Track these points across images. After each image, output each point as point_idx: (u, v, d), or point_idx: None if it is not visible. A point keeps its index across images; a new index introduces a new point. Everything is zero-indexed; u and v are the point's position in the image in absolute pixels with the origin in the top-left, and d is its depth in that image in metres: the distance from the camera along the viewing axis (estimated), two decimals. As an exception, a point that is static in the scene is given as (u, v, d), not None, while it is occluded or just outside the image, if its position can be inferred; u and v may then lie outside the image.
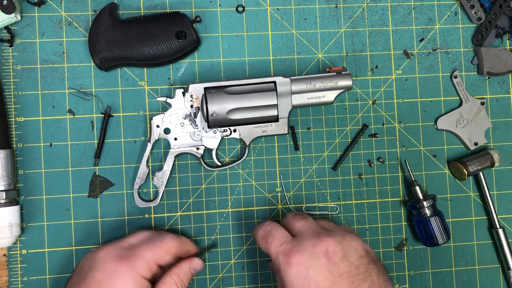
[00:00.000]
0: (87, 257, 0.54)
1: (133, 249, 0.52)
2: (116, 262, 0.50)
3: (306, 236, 0.51)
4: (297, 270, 0.48)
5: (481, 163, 0.64)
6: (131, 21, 0.59)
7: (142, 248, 0.52)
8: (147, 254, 0.52)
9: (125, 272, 0.50)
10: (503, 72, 0.65)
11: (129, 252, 0.52)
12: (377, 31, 0.65)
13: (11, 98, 0.60)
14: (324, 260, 0.48)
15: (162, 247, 0.54)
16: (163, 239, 0.54)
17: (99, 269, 0.50)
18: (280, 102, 0.59)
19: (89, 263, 0.52)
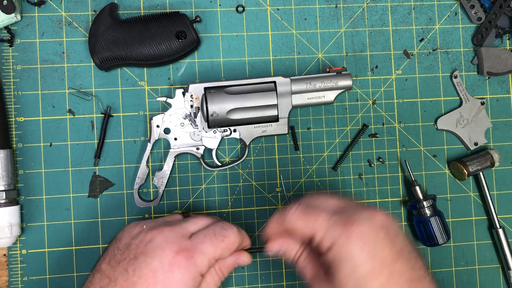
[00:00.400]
0: (137, 233, 0.49)
1: (195, 240, 0.48)
2: (177, 253, 0.45)
3: (354, 209, 0.46)
4: (361, 242, 0.42)
5: (481, 163, 0.64)
6: (131, 21, 0.59)
7: (204, 242, 0.47)
8: (210, 249, 0.47)
9: (184, 267, 0.45)
10: (503, 72, 0.65)
11: (191, 244, 0.47)
12: (377, 31, 0.65)
13: (11, 98, 0.60)
14: (383, 234, 0.43)
15: (226, 242, 0.49)
16: (227, 233, 0.49)
17: (156, 257, 0.45)
18: (280, 102, 0.59)
19: (141, 244, 0.47)
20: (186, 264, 0.46)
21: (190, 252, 0.46)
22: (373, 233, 0.43)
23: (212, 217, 0.53)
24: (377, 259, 0.42)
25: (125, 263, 0.46)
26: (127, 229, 0.50)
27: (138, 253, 0.46)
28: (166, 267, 0.45)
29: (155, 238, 0.47)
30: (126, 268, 0.46)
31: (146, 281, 0.45)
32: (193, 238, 0.48)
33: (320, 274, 0.47)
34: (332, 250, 0.44)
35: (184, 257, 0.46)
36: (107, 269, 0.47)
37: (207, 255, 0.47)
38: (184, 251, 0.46)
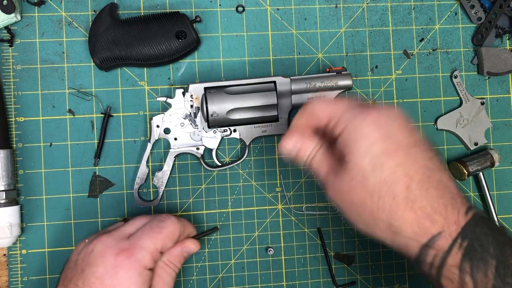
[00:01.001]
0: (81, 249, 0.51)
1: (133, 239, 0.49)
2: (117, 255, 0.47)
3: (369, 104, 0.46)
4: (376, 123, 0.42)
5: (481, 163, 0.64)
6: (131, 21, 0.59)
7: (142, 238, 0.49)
8: (149, 243, 0.49)
9: (127, 266, 0.47)
10: (503, 72, 0.65)
11: (130, 243, 0.49)
12: (377, 31, 0.65)
13: (11, 98, 0.60)
14: (400, 122, 0.43)
15: (164, 233, 0.50)
16: (164, 224, 0.51)
17: (99, 264, 0.47)
18: (280, 102, 0.59)
19: (85, 257, 0.49)
20: (128, 263, 0.47)
21: (130, 251, 0.48)
22: (389, 119, 0.43)
23: (150, 215, 0.54)
24: (393, 140, 0.42)
25: (75, 279, 0.48)
26: (75, 249, 0.52)
27: (84, 266, 0.48)
28: (110, 271, 0.47)
29: (95, 247, 0.49)
30: (76, 282, 0.48)
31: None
32: (131, 238, 0.50)
33: (335, 167, 0.46)
34: (346, 131, 0.43)
35: (125, 257, 0.47)
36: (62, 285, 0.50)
37: (147, 249, 0.49)
38: (123, 251, 0.48)
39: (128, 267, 0.47)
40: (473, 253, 0.39)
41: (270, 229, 0.63)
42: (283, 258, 0.63)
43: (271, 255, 0.63)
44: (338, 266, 0.64)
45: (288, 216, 0.64)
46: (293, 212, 0.64)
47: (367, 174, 0.42)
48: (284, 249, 0.63)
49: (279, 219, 0.63)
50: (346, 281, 0.64)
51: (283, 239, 0.63)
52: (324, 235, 0.64)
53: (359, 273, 0.64)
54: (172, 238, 0.51)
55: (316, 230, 0.64)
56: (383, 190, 0.41)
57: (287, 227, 0.63)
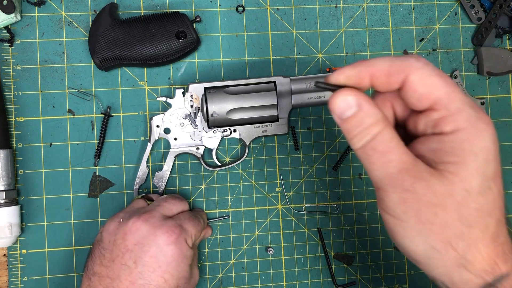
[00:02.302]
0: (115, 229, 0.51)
1: (178, 220, 0.52)
2: (169, 234, 0.50)
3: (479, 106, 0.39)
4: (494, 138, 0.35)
5: (481, 163, 0.64)
6: (131, 21, 0.59)
7: (187, 223, 0.53)
8: (192, 229, 0.53)
9: (179, 242, 0.50)
10: (503, 72, 0.65)
11: (177, 223, 0.52)
12: (377, 31, 0.65)
13: (11, 98, 0.60)
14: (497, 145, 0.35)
15: (202, 224, 0.56)
16: (204, 216, 0.58)
17: (150, 243, 0.49)
18: (280, 102, 0.59)
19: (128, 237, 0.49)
20: (179, 240, 0.50)
21: (179, 229, 0.51)
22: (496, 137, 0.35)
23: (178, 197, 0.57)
24: (499, 163, 0.35)
25: (120, 259, 0.49)
26: (104, 230, 0.52)
27: (129, 245, 0.49)
28: (164, 248, 0.49)
29: (141, 228, 0.50)
30: (125, 262, 0.49)
31: (151, 266, 0.49)
32: (176, 218, 0.53)
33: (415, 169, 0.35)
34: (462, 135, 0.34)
35: (176, 234, 0.50)
36: (102, 270, 0.50)
37: (190, 232, 0.52)
38: (174, 228, 0.50)
39: (180, 244, 0.50)
40: None
41: (270, 229, 0.63)
42: (283, 258, 0.63)
43: (271, 255, 0.63)
44: (338, 266, 0.64)
45: (288, 216, 0.64)
46: (293, 212, 0.64)
47: (472, 195, 0.34)
48: (284, 249, 0.63)
49: (279, 219, 0.63)
50: (346, 281, 0.64)
51: (283, 239, 0.63)
52: (324, 235, 0.64)
53: (359, 273, 0.64)
54: (203, 228, 0.57)
55: (316, 230, 0.64)
56: (479, 218, 0.34)
57: (287, 227, 0.64)
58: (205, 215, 0.61)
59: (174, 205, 0.55)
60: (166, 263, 0.49)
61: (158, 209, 0.53)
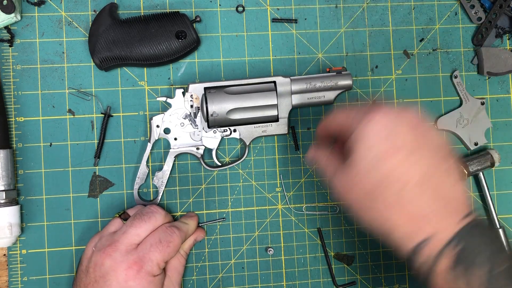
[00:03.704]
0: (90, 256, 0.54)
1: (142, 251, 0.52)
2: (128, 269, 0.51)
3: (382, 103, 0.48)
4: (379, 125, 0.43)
5: (481, 163, 0.64)
6: (131, 21, 0.59)
7: (152, 251, 0.52)
8: (158, 256, 0.52)
9: (138, 278, 0.51)
10: (503, 72, 0.65)
11: (139, 256, 0.52)
12: (377, 31, 0.65)
13: (11, 98, 0.60)
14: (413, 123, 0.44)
15: (172, 247, 0.54)
16: (172, 239, 0.54)
17: (111, 278, 0.51)
18: (280, 102, 0.59)
19: (96, 268, 0.52)
20: (139, 276, 0.51)
21: (139, 264, 0.51)
22: (398, 119, 0.43)
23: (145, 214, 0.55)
24: (397, 140, 0.42)
25: (90, 286, 0.52)
26: (85, 253, 0.55)
27: (97, 276, 0.52)
28: (123, 284, 0.51)
29: (105, 262, 0.52)
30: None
31: None
32: (140, 249, 0.52)
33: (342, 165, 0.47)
34: (356, 130, 0.44)
35: (136, 270, 0.51)
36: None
37: (155, 261, 0.52)
38: (133, 265, 0.51)
39: (140, 279, 0.51)
40: (467, 258, 0.40)
41: (270, 229, 0.63)
42: (283, 258, 0.63)
43: (271, 255, 0.63)
44: (338, 266, 0.64)
45: (288, 216, 0.64)
46: (293, 212, 0.64)
47: (366, 172, 0.43)
48: (284, 249, 0.63)
49: (279, 219, 0.63)
50: (346, 281, 0.64)
51: (283, 239, 0.63)
52: (324, 235, 0.64)
53: (359, 273, 0.64)
54: (177, 250, 0.55)
55: (316, 230, 0.64)
56: (379, 190, 0.42)
57: (287, 227, 0.63)
58: (193, 220, 0.59)
59: (140, 228, 0.54)
60: None
61: (122, 239, 0.53)
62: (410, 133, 0.43)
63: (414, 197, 0.42)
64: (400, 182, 0.42)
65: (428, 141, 0.44)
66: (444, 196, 0.42)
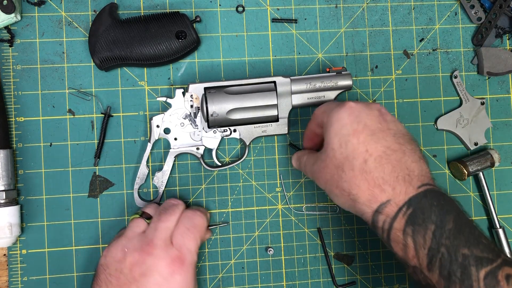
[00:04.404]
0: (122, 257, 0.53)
1: (178, 245, 0.53)
2: (172, 264, 0.52)
3: None
4: (350, 110, 0.50)
5: (481, 163, 0.64)
6: (131, 21, 0.59)
7: (185, 241, 0.54)
8: (193, 244, 0.54)
9: (183, 271, 0.52)
10: (503, 72, 0.65)
11: (178, 251, 0.53)
12: (377, 31, 0.65)
13: (11, 98, 0.60)
14: (377, 113, 0.51)
15: (200, 231, 0.56)
16: (197, 222, 0.56)
17: (154, 274, 0.51)
18: (280, 102, 0.59)
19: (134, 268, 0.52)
20: (184, 268, 0.52)
21: (181, 258, 0.53)
22: (364, 109, 0.50)
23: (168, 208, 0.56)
24: (361, 124, 0.49)
25: (128, 286, 0.51)
26: (109, 255, 0.53)
27: (136, 275, 0.51)
28: (168, 277, 0.51)
29: (146, 260, 0.52)
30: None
31: None
32: (176, 244, 0.53)
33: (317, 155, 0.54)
34: (326, 118, 0.52)
35: (179, 264, 0.52)
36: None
37: (193, 249, 0.54)
38: (176, 260, 0.52)
39: (184, 272, 0.52)
40: (415, 219, 0.46)
41: (270, 229, 0.63)
42: (283, 258, 0.63)
43: (271, 255, 0.63)
44: (338, 266, 0.64)
45: (288, 216, 0.64)
46: (293, 212, 0.64)
47: (335, 150, 0.49)
48: (284, 249, 0.63)
49: (279, 219, 0.63)
50: (346, 281, 0.64)
51: (283, 239, 0.63)
52: (324, 235, 0.64)
53: (359, 273, 0.64)
54: (205, 229, 0.57)
55: (316, 230, 0.64)
56: (346, 163, 0.48)
57: (287, 227, 0.64)
58: (206, 214, 0.59)
59: (169, 222, 0.54)
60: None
61: (158, 236, 0.53)
62: (375, 119, 0.50)
63: (374, 169, 0.47)
64: (362, 156, 0.48)
65: (391, 127, 0.50)
66: (405, 169, 0.48)
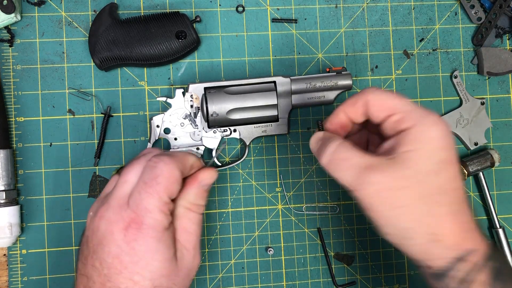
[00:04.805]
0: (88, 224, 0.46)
1: (133, 204, 0.43)
2: (126, 230, 0.42)
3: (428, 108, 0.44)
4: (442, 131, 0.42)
5: (481, 163, 0.64)
6: (131, 21, 0.59)
7: (142, 198, 0.43)
8: (152, 201, 0.43)
9: (141, 237, 0.42)
10: (503, 72, 0.65)
11: (133, 211, 0.43)
12: (377, 31, 0.65)
13: (11, 98, 0.60)
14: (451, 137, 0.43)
15: (162, 182, 0.43)
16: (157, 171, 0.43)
17: (110, 243, 0.42)
18: (280, 102, 0.59)
19: (93, 236, 0.44)
20: (141, 234, 0.42)
21: (137, 220, 0.42)
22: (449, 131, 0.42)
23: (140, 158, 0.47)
24: (453, 151, 0.42)
25: (90, 258, 0.44)
26: (86, 223, 0.47)
27: (95, 245, 0.44)
28: (125, 247, 0.42)
29: (100, 226, 0.44)
30: (93, 263, 0.44)
31: (116, 268, 0.43)
32: (131, 202, 0.43)
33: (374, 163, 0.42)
34: (414, 129, 0.41)
35: (135, 229, 0.42)
36: (81, 267, 0.45)
37: (153, 209, 0.43)
38: (130, 223, 0.42)
39: (143, 238, 0.42)
40: (503, 275, 0.41)
41: (270, 229, 0.63)
42: (283, 258, 0.63)
43: (271, 255, 0.63)
44: (338, 266, 0.64)
45: (288, 216, 0.64)
46: (293, 212, 0.64)
47: (428, 176, 0.40)
48: (284, 249, 0.63)
49: (279, 219, 0.63)
50: (346, 281, 0.64)
51: (283, 239, 0.63)
52: (324, 235, 0.64)
53: (359, 273, 0.64)
54: (174, 181, 0.44)
55: (316, 230, 0.64)
56: (438, 196, 0.40)
57: (287, 227, 0.64)
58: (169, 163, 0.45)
59: (128, 175, 0.45)
60: (132, 263, 0.42)
61: (114, 194, 0.45)
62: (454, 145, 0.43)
63: (464, 211, 0.41)
64: (456, 192, 0.41)
65: None
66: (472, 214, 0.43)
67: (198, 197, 0.48)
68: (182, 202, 0.47)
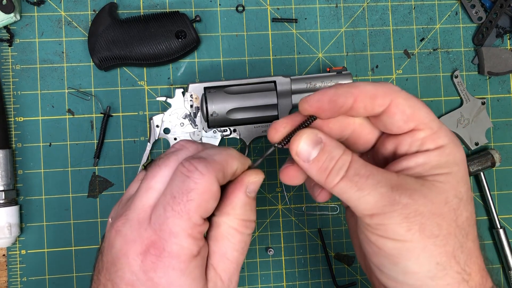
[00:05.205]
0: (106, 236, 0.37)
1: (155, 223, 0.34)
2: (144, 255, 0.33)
3: None
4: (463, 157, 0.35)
5: (481, 163, 0.64)
6: (130, 21, 0.58)
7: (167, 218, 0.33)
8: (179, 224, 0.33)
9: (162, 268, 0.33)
10: (504, 72, 0.65)
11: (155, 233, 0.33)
12: (377, 31, 0.65)
13: (11, 98, 0.60)
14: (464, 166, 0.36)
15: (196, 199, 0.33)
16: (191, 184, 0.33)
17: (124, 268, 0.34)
18: (280, 102, 0.59)
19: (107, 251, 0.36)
20: (162, 263, 0.33)
21: (157, 245, 0.33)
22: None
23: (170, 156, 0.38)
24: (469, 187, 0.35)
25: (102, 277, 0.36)
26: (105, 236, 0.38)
27: (109, 262, 0.35)
28: (142, 277, 0.33)
29: (115, 242, 0.35)
30: (105, 283, 0.35)
31: None
32: (153, 220, 0.34)
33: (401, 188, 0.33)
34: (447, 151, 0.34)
35: (155, 256, 0.33)
36: (95, 281, 0.38)
37: (179, 232, 0.33)
38: (150, 248, 0.33)
39: (164, 269, 0.33)
40: None
41: (270, 229, 0.63)
42: (283, 259, 0.63)
43: (271, 256, 0.63)
44: (338, 266, 0.64)
45: (288, 216, 0.63)
46: (293, 212, 0.63)
47: (463, 203, 0.34)
48: (284, 249, 0.63)
49: (279, 219, 0.63)
50: (347, 282, 0.64)
51: (283, 240, 0.63)
52: (325, 236, 0.64)
53: (360, 274, 0.64)
54: (211, 197, 0.34)
55: (316, 231, 0.64)
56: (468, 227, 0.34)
57: (287, 227, 0.63)
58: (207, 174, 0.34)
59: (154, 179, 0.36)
60: None
61: (135, 204, 0.36)
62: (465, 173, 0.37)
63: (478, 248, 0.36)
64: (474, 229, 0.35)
65: None
66: None
67: (247, 210, 0.38)
68: (226, 219, 0.36)
